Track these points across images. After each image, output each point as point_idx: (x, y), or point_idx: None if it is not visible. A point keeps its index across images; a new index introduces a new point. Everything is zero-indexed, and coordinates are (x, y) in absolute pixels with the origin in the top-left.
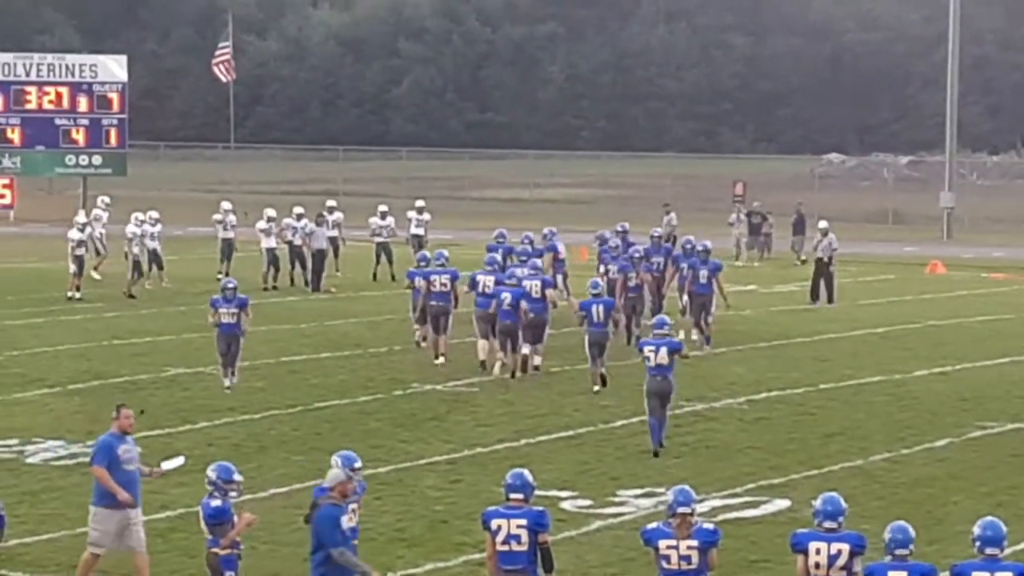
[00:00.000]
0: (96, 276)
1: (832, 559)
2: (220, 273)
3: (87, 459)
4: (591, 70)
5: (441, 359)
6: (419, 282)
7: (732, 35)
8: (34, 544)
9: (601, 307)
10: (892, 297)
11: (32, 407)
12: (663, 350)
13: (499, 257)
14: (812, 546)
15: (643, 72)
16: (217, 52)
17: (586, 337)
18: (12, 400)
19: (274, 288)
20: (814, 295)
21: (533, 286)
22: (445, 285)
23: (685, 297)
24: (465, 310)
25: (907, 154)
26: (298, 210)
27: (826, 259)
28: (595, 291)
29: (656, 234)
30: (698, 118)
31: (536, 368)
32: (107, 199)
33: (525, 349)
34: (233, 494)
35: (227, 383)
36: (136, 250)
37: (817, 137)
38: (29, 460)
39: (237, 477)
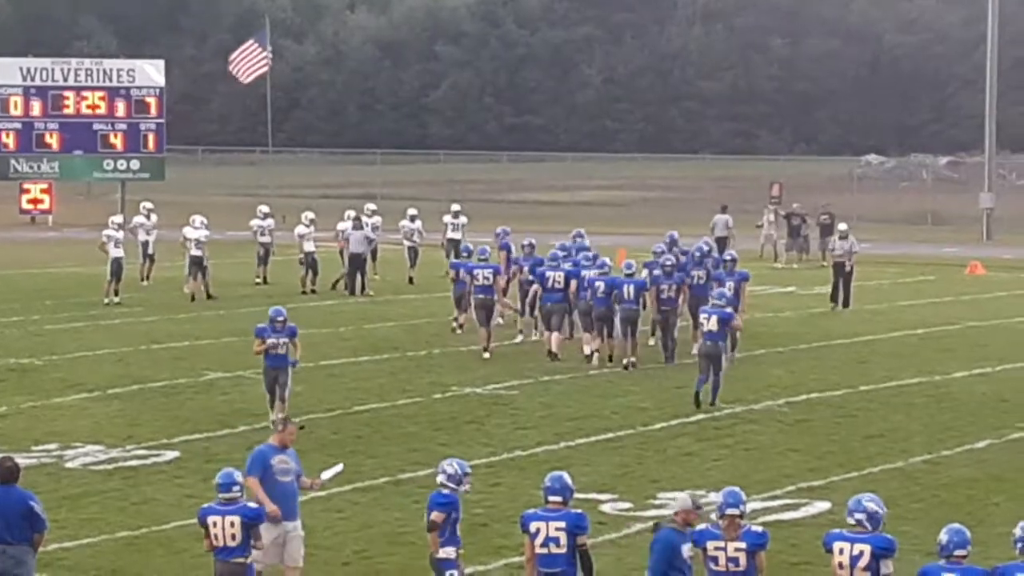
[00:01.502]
0: (144, 283)
1: (854, 560)
2: (257, 278)
3: (127, 463)
4: (628, 72)
5: (487, 354)
6: (463, 274)
7: (770, 37)
8: (74, 548)
9: (632, 287)
10: (932, 298)
11: (71, 412)
12: (714, 318)
13: (560, 254)
14: (836, 546)
15: (680, 74)
16: (240, 53)
17: (617, 315)
18: (52, 405)
19: (312, 292)
20: (835, 298)
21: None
22: (488, 279)
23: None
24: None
25: (946, 155)
26: (352, 213)
27: (845, 262)
28: (629, 271)
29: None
30: (736, 120)
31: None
32: (149, 204)
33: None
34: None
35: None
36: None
37: (856, 138)
38: (68, 465)
39: (239, 478)
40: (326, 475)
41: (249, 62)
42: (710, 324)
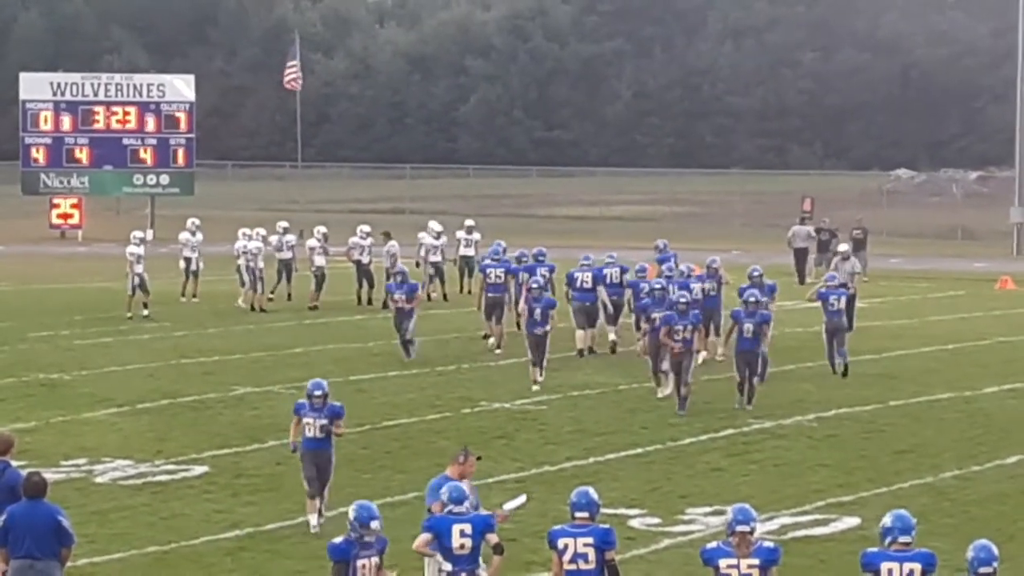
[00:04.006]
0: (191, 300)
1: None
2: (271, 294)
3: (156, 478)
4: (658, 87)
5: (499, 350)
6: (397, 296)
7: (800, 51)
8: (103, 564)
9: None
10: (962, 313)
11: (101, 427)
12: (843, 298)
13: (594, 257)
14: (884, 566)
15: (711, 89)
16: (286, 70)
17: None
18: (81, 420)
19: (314, 308)
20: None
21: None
22: (500, 278)
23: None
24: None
25: (976, 169)
26: (365, 228)
27: (847, 284)
28: (670, 275)
29: (756, 273)
30: (766, 134)
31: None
32: (196, 220)
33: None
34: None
35: (314, 521)
36: (251, 264)
37: (886, 153)
38: (98, 479)
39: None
40: (508, 507)
41: (294, 76)
42: (839, 304)
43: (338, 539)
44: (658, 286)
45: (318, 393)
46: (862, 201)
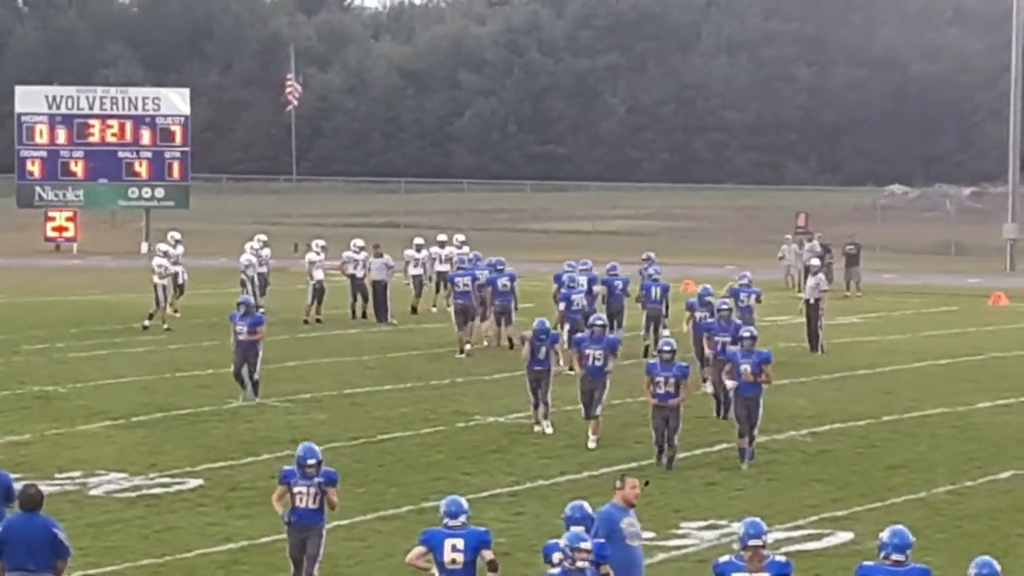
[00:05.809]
0: (176, 314)
1: None
2: (260, 308)
3: (150, 491)
4: (653, 102)
5: (461, 354)
6: (238, 328)
7: (795, 66)
8: None
9: (659, 288)
10: (955, 329)
11: (95, 439)
12: (753, 296)
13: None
14: None
15: (705, 104)
16: (287, 83)
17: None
18: (76, 432)
19: (317, 321)
20: (813, 344)
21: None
22: (468, 285)
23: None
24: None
25: (970, 185)
26: (358, 242)
27: (813, 301)
28: (656, 276)
29: (724, 307)
30: (761, 149)
31: None
32: (176, 234)
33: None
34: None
35: None
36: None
37: (880, 168)
38: (92, 492)
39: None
40: None
41: (291, 90)
42: (749, 301)
43: (555, 571)
44: (667, 347)
45: (311, 462)
46: (856, 216)
